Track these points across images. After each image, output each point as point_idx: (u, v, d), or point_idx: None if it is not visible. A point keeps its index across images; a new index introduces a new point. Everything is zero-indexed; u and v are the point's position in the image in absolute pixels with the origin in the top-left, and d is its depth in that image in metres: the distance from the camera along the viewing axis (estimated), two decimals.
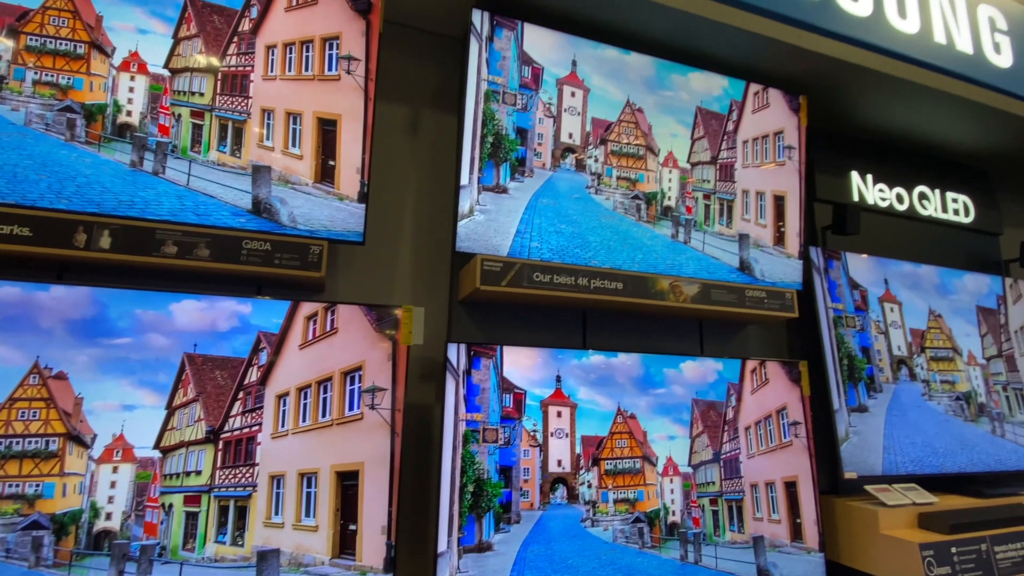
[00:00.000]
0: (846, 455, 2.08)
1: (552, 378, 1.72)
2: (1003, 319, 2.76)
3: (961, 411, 2.43)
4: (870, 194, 2.68)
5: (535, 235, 1.77)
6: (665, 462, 1.80)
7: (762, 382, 1.99)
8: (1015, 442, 2.51)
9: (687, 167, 2.03)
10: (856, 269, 2.40)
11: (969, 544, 1.81)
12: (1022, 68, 2.61)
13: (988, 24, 2.58)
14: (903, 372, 2.35)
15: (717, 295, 1.90)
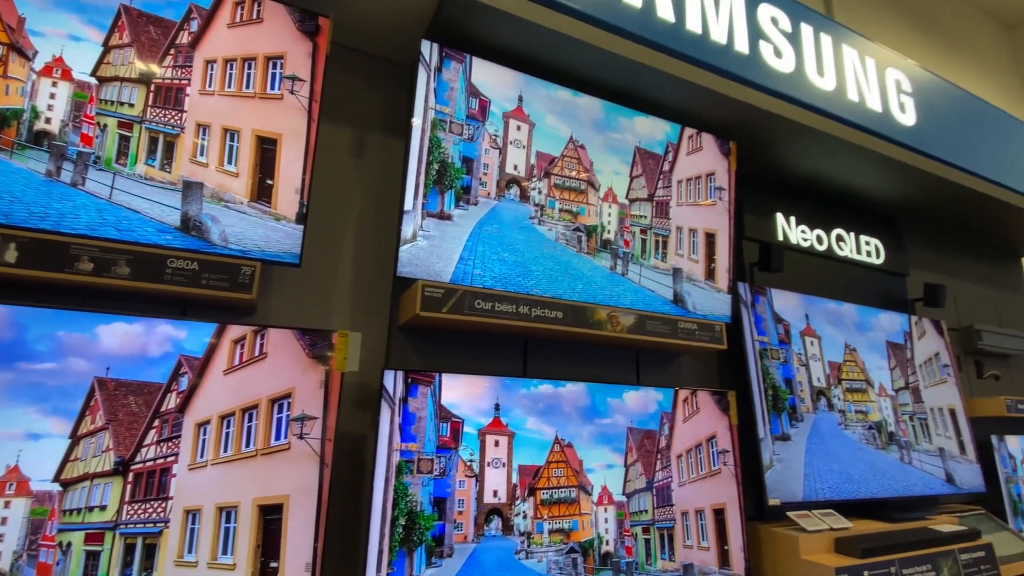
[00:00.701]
0: (770, 482, 2.18)
1: (491, 407, 1.71)
2: (909, 353, 2.99)
3: (873, 439, 2.60)
4: (793, 234, 2.88)
5: (478, 262, 1.78)
6: (600, 491, 1.82)
7: (693, 411, 2.06)
8: (921, 469, 2.71)
9: (626, 203, 2.11)
10: (780, 304, 2.55)
11: (879, 567, 1.91)
12: (924, 127, 2.90)
13: (895, 86, 2.87)
14: (822, 402, 2.50)
15: (652, 326, 1.97)
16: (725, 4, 2.25)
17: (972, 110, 3.30)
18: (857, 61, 2.73)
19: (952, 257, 3.80)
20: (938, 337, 3.15)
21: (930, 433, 2.83)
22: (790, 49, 2.43)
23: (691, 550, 1.91)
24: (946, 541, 2.16)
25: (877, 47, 2.89)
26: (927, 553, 2.05)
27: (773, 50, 2.37)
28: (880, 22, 4.98)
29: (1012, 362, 3.84)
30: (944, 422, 2.92)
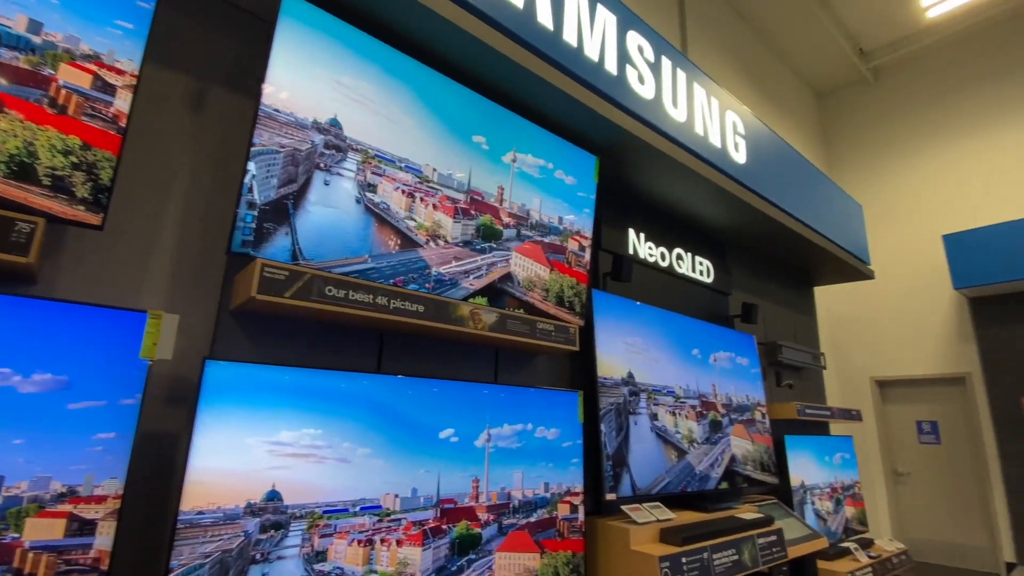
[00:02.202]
0: (609, 478, 2.31)
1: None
2: (721, 364, 3.41)
3: (696, 439, 2.90)
4: (642, 249, 3.12)
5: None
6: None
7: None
8: (724, 466, 3.08)
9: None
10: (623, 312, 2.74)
11: (695, 553, 2.12)
12: (752, 166, 3.34)
13: (732, 127, 3.26)
14: (655, 404, 2.72)
15: (512, 325, 1.98)
16: (599, 23, 2.37)
17: (788, 158, 3.90)
18: (705, 100, 3.06)
19: (763, 281, 4.43)
20: (752, 349, 3.63)
21: (740, 435, 3.24)
22: (651, 78, 2.64)
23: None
24: (748, 527, 2.47)
25: (721, 90, 3.27)
26: (733, 539, 2.32)
27: (638, 76, 2.55)
28: (721, 72, 5.69)
29: (803, 374, 4.59)
30: (752, 425, 3.37)
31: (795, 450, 3.71)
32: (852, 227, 4.72)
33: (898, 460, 6.31)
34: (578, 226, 2.40)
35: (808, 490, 3.69)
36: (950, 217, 6.22)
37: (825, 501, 3.82)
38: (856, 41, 6.83)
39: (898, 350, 6.40)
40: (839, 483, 4.04)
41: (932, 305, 6.20)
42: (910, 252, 6.43)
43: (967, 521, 5.74)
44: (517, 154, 2.20)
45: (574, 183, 2.42)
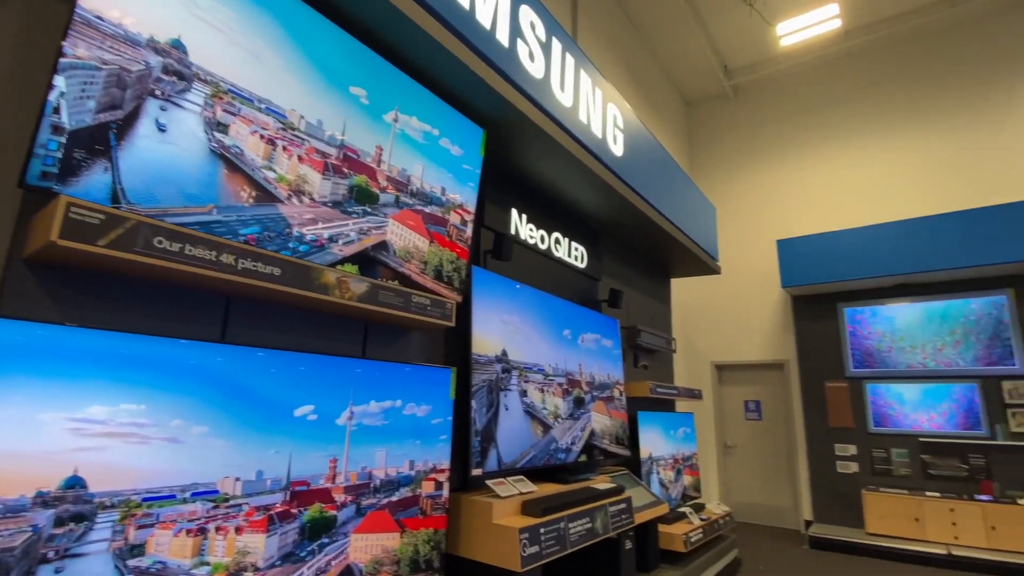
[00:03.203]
0: (476, 454, 2.31)
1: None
2: (588, 345, 3.59)
3: (561, 414, 3.02)
4: (523, 230, 3.15)
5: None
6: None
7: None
8: (584, 440, 3.27)
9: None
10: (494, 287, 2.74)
11: (552, 524, 2.20)
12: (628, 160, 3.52)
13: (612, 119, 3.40)
14: (525, 381, 2.78)
15: (385, 297, 1.86)
16: None
17: (659, 157, 4.17)
18: (590, 89, 3.14)
19: (629, 270, 4.74)
20: (615, 332, 3.87)
21: (599, 410, 3.45)
22: (542, 57, 2.63)
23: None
24: (602, 497, 2.63)
25: (605, 83, 3.38)
26: (587, 508, 2.46)
27: (528, 53, 2.52)
28: (606, 66, 5.92)
29: (657, 356, 5.01)
30: (611, 402, 3.60)
31: (646, 425, 4.04)
32: (706, 226, 5.22)
33: (728, 434, 7.22)
34: (462, 199, 2.33)
35: (655, 461, 4.05)
36: (784, 224, 7.18)
37: (668, 471, 4.23)
38: (722, 58, 7.53)
39: (734, 338, 7.28)
40: (680, 455, 4.50)
41: (764, 300, 7.13)
42: (750, 252, 7.32)
43: (778, 486, 6.77)
44: (400, 115, 2.06)
45: (460, 154, 2.34)
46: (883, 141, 6.77)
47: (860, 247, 5.86)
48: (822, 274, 6.07)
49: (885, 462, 5.77)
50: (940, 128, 6.43)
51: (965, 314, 5.62)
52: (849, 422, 6.03)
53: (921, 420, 5.66)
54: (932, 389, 5.66)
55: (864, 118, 6.96)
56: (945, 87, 6.49)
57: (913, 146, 6.56)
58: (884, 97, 6.88)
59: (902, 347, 5.88)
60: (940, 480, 5.46)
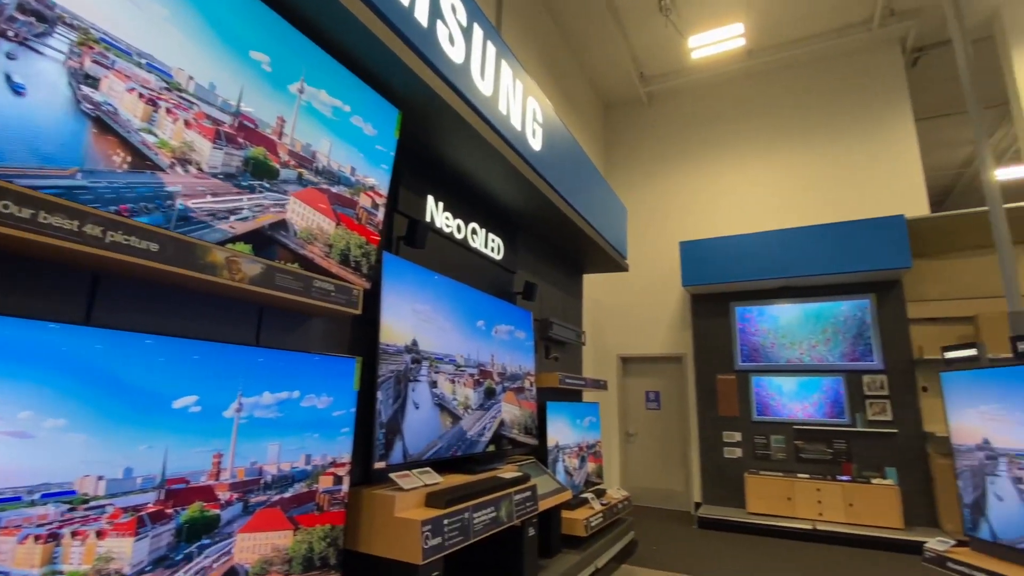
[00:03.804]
0: (380, 446, 2.24)
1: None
2: (501, 336, 3.62)
3: (472, 405, 3.01)
4: (439, 218, 3.09)
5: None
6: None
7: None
8: (494, 430, 3.29)
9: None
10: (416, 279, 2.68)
11: (456, 515, 2.19)
12: (546, 156, 3.56)
13: (532, 114, 3.42)
14: (436, 372, 2.74)
15: (283, 280, 1.74)
16: None
17: (576, 155, 4.27)
18: (511, 81, 3.14)
19: (544, 264, 4.83)
20: (529, 324, 3.92)
21: (509, 401, 3.48)
22: (462, 42, 2.58)
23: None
24: (507, 486, 2.65)
25: (526, 76, 3.39)
26: (492, 498, 2.47)
27: (448, 35, 2.46)
28: (528, 61, 5.96)
29: (567, 348, 5.16)
30: (522, 392, 3.65)
31: (554, 415, 4.15)
32: (618, 226, 5.44)
33: (630, 423, 7.62)
34: (373, 181, 2.23)
35: (561, 449, 4.17)
36: (687, 227, 7.65)
37: (573, 459, 4.37)
38: (639, 65, 7.85)
39: (639, 333, 7.68)
40: (585, 443, 4.67)
41: (666, 298, 7.58)
42: (656, 252, 7.73)
43: (673, 471, 7.25)
44: (307, 86, 1.93)
45: (373, 134, 2.24)
46: (776, 156, 7.41)
47: (751, 252, 6.39)
48: (718, 275, 6.55)
49: (765, 447, 6.36)
50: (823, 148, 7.14)
51: (835, 315, 6.32)
52: (736, 411, 6.57)
53: (796, 409, 6.29)
54: (806, 382, 6.31)
55: (761, 134, 7.57)
56: (831, 112, 7.21)
57: (800, 162, 7.24)
58: (778, 116, 7.52)
59: (783, 343, 6.50)
60: (809, 463, 6.11)
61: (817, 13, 6.74)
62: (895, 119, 6.81)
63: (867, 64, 7.09)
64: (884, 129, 6.84)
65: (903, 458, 5.70)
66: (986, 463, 3.17)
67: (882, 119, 6.88)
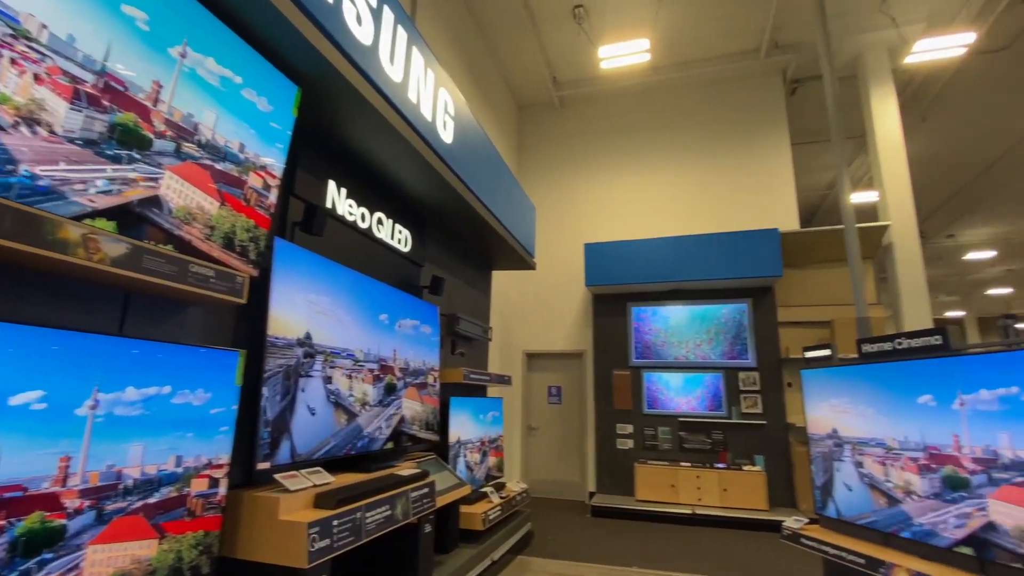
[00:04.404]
0: (265, 446, 2.10)
1: None
2: (405, 330, 3.55)
3: (369, 401, 2.92)
4: (341, 205, 2.95)
5: None
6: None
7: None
8: (393, 427, 3.22)
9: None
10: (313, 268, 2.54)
11: (347, 515, 2.11)
12: (458, 149, 3.52)
13: (444, 106, 3.37)
14: (331, 367, 2.62)
15: (152, 263, 1.56)
16: None
17: (487, 151, 4.28)
18: (422, 69, 3.07)
19: (453, 258, 4.80)
20: (435, 319, 3.87)
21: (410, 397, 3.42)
22: (371, 23, 2.48)
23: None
24: (404, 483, 2.60)
25: (439, 67, 3.34)
26: (388, 496, 2.41)
27: (356, 15, 2.36)
28: (443, 53, 5.89)
29: (474, 344, 5.16)
30: (425, 388, 3.60)
31: (457, 410, 4.14)
32: (527, 224, 5.54)
33: (532, 417, 7.81)
34: (266, 160, 2.07)
35: (463, 445, 4.17)
36: (592, 229, 7.97)
37: (475, 454, 4.39)
38: (553, 69, 8.03)
39: (544, 329, 7.89)
40: (488, 437, 4.71)
41: (571, 296, 7.85)
42: (562, 252, 7.98)
43: (570, 462, 7.53)
44: (191, 51, 1.75)
45: (268, 110, 2.08)
46: (673, 167, 7.93)
47: (648, 256, 6.80)
48: (617, 276, 6.90)
49: (653, 439, 6.81)
50: (714, 163, 7.75)
51: (718, 317, 6.90)
52: (629, 405, 6.97)
53: (681, 403, 6.80)
54: (691, 377, 6.84)
55: (662, 146, 8.06)
56: (722, 130, 7.84)
57: (694, 175, 7.81)
58: (678, 130, 8.05)
59: (672, 342, 6.99)
60: (691, 452, 6.63)
61: (713, 38, 7.29)
62: (775, 142, 7.56)
63: (754, 89, 7.80)
64: (765, 150, 7.57)
65: (769, 447, 6.36)
66: (834, 450, 3.62)
67: (764, 141, 7.60)
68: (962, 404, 2.80)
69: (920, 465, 3.01)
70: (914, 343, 3.26)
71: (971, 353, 2.83)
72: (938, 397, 2.93)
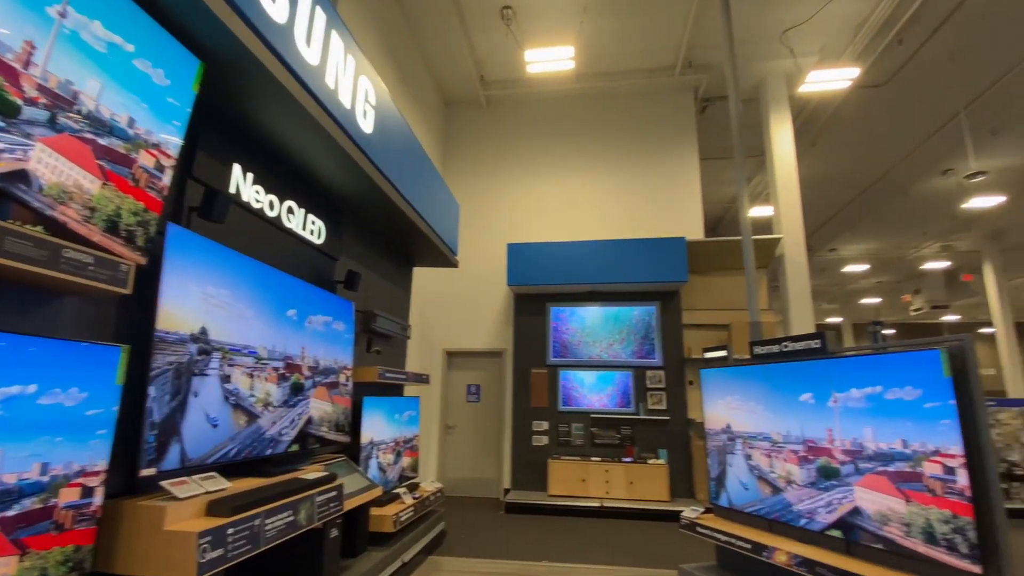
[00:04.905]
0: (151, 450, 1.92)
1: None
2: (315, 327, 3.40)
3: (272, 401, 2.76)
4: (247, 191, 2.76)
5: None
6: None
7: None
8: (299, 428, 3.08)
9: None
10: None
11: (244, 522, 1.98)
12: (378, 141, 3.42)
13: (364, 94, 3.25)
14: (230, 365, 2.45)
15: (15, 245, 1.38)
16: None
17: (411, 145, 4.19)
18: (341, 54, 2.95)
19: (371, 253, 4.65)
20: (350, 315, 3.73)
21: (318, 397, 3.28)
22: (286, 1, 2.34)
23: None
24: (309, 487, 2.49)
25: (360, 53, 3.22)
26: (290, 501, 2.29)
27: None
28: (367, 40, 5.70)
29: (391, 342, 5.04)
30: (336, 387, 3.46)
31: (371, 410, 4.02)
32: (450, 221, 5.49)
33: (450, 416, 7.77)
34: (160, 138, 1.89)
35: (376, 446, 4.06)
36: (515, 229, 8.06)
37: (388, 454, 4.29)
38: (480, 68, 8.03)
39: (465, 328, 7.87)
40: (403, 437, 4.62)
41: (493, 295, 7.89)
42: (485, 251, 8.01)
43: (487, 461, 7.57)
44: (73, 11, 1.56)
45: (165, 84, 1.91)
46: (594, 173, 8.21)
47: (567, 258, 7.00)
48: (538, 277, 7.04)
49: (567, 435, 7.01)
50: (631, 171, 8.11)
51: (629, 319, 7.23)
52: (545, 402, 7.13)
53: (594, 400, 7.06)
54: (603, 375, 7.12)
55: (584, 151, 8.32)
56: (639, 141, 8.22)
57: (613, 181, 8.12)
58: (600, 137, 8.34)
59: (587, 342, 7.24)
60: (602, 447, 6.90)
61: (634, 53, 7.63)
62: (685, 155, 8.04)
63: (669, 105, 8.26)
64: (677, 162, 8.03)
65: (672, 441, 6.77)
66: (728, 444, 3.92)
67: (676, 154, 8.07)
68: (835, 401, 3.13)
69: (800, 457, 3.33)
70: (797, 346, 3.60)
71: (844, 356, 3.17)
72: (817, 395, 3.25)
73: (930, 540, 2.56)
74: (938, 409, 2.58)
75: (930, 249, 15.49)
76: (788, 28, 6.91)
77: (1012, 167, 10.25)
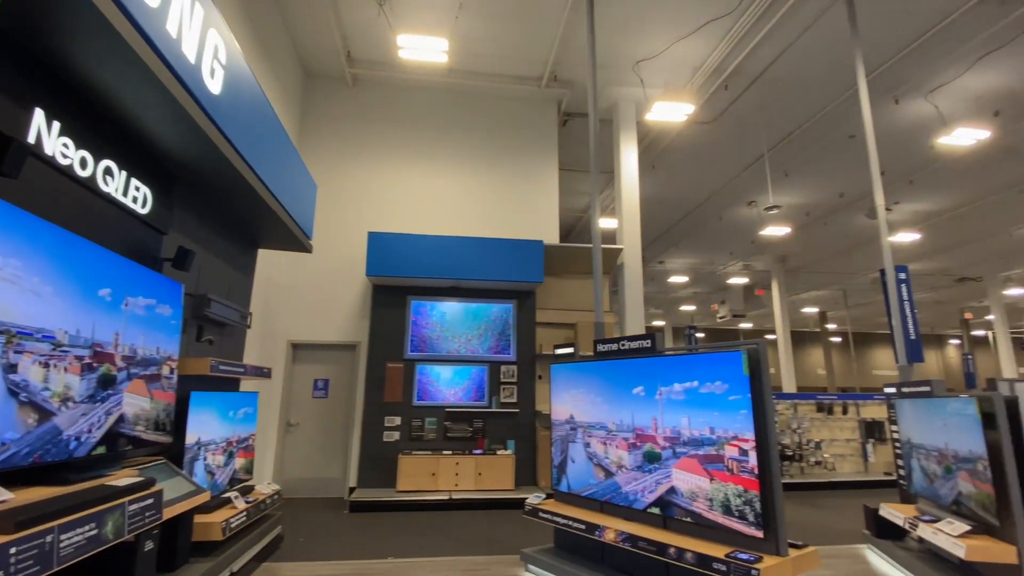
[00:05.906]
0: None
1: None
2: (134, 310, 2.95)
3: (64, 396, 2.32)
4: (52, 143, 2.29)
5: None
6: None
7: None
8: (107, 428, 2.64)
9: None
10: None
11: (33, 539, 1.64)
12: (227, 104, 3.05)
13: (212, 49, 2.89)
14: (15, 353, 2.01)
15: None
16: None
17: (264, 113, 3.81)
18: (188, 1, 2.58)
19: (209, 229, 4.15)
20: (178, 299, 3.28)
21: None
22: None
23: None
24: (118, 495, 2.14)
25: (211, 4, 2.85)
26: (93, 512, 1.95)
27: None
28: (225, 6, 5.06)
29: (227, 330, 4.54)
30: (156, 380, 3.02)
31: (199, 407, 3.59)
32: (305, 202, 5.11)
33: (293, 412, 7.22)
34: None
35: (203, 446, 3.63)
36: (377, 218, 7.77)
37: (218, 455, 3.86)
38: (348, 43, 7.59)
39: (315, 318, 7.39)
40: (236, 437, 4.20)
41: (349, 285, 7.52)
42: (343, 237, 7.60)
43: (333, 459, 7.18)
44: None
45: None
46: (461, 169, 8.26)
47: (430, 251, 6.94)
48: (399, 268, 6.88)
49: (420, 429, 6.97)
50: (496, 172, 8.33)
51: (488, 315, 7.43)
52: (399, 397, 7.00)
53: (449, 394, 7.12)
54: (460, 370, 7.21)
55: (452, 146, 8.32)
56: (506, 143, 8.46)
57: (478, 179, 8.26)
58: (469, 134, 8.41)
59: (447, 336, 7.27)
60: (454, 440, 6.98)
61: (505, 58, 7.84)
62: (546, 164, 8.49)
63: (535, 113, 8.64)
64: (538, 169, 8.45)
65: (520, 432, 7.11)
66: (570, 433, 4.23)
67: (538, 161, 8.48)
68: (660, 394, 3.57)
69: (629, 443, 3.73)
70: (632, 345, 4.02)
71: (668, 354, 3.63)
72: (647, 388, 3.67)
73: (727, 512, 3.04)
74: (739, 401, 3.08)
75: (735, 267, 18.42)
76: (640, 60, 7.66)
77: (796, 204, 12.62)
